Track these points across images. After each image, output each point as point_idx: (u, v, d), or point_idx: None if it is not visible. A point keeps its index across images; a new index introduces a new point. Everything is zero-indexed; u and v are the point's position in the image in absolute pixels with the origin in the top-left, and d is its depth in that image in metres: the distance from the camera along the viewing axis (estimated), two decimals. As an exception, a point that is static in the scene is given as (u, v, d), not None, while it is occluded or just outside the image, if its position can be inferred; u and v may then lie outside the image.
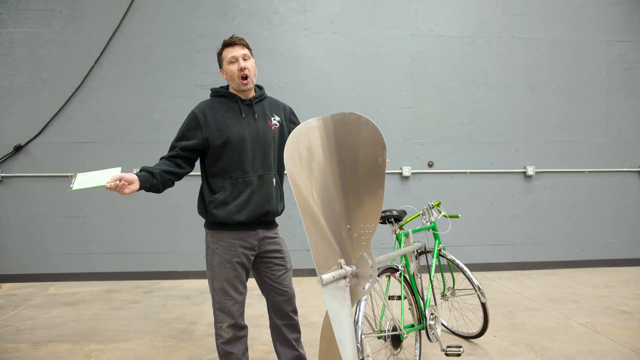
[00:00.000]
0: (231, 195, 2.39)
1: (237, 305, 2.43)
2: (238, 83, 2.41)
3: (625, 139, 6.02)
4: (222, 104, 2.47)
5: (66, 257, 5.41)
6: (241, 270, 2.45)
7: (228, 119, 2.42)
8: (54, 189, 5.38)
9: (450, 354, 2.85)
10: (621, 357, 3.20)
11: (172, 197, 5.45)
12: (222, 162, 2.41)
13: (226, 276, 2.41)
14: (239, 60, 2.39)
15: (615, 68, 5.98)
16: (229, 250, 2.42)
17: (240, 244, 2.43)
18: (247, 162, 2.40)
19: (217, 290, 2.42)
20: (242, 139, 2.41)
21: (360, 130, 2.01)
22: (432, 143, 5.78)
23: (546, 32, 5.88)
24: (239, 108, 2.46)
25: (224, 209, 2.38)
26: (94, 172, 2.19)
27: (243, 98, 2.49)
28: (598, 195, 6.01)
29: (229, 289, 2.41)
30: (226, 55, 2.42)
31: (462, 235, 5.82)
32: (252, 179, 2.40)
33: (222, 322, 2.41)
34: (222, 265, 2.41)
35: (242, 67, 2.39)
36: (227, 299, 2.41)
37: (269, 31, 5.54)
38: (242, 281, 2.47)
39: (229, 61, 2.41)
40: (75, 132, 5.40)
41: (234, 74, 2.40)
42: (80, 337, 3.65)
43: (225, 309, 2.41)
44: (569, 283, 5.22)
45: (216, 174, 2.43)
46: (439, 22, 5.76)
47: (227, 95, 2.49)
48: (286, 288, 2.55)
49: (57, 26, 5.34)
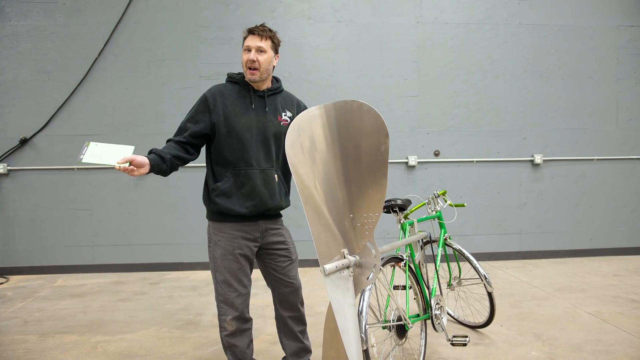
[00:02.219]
0: (234, 186, 2.37)
1: (240, 298, 2.41)
2: (246, 71, 2.40)
3: (635, 126, 5.92)
4: (235, 92, 2.44)
5: (73, 250, 5.44)
6: (244, 262, 2.43)
7: (237, 108, 2.40)
8: (60, 182, 5.40)
9: (456, 344, 2.82)
10: (630, 346, 3.16)
11: (178, 189, 5.45)
12: (226, 151, 2.39)
13: (229, 268, 2.39)
14: (251, 52, 2.37)
15: (625, 54, 5.87)
16: (231, 242, 2.40)
17: (243, 235, 2.41)
18: (251, 154, 2.37)
19: (220, 282, 2.41)
20: (248, 131, 2.38)
21: (362, 118, 1.97)
22: (438, 132, 5.72)
23: (554, 18, 5.77)
24: (250, 98, 2.43)
25: (226, 200, 2.36)
26: (107, 145, 2.18)
27: (256, 89, 2.45)
28: (607, 183, 5.93)
29: (233, 281, 2.40)
30: (244, 42, 2.41)
31: (469, 225, 5.78)
32: (255, 173, 2.37)
33: (225, 314, 2.40)
34: (225, 257, 2.39)
35: (251, 59, 2.36)
36: (230, 291, 2.40)
37: (273, 20, 5.48)
38: (246, 273, 2.45)
39: (244, 48, 2.40)
40: (80, 124, 5.40)
41: (244, 62, 2.39)
42: (87, 328, 3.66)
43: (229, 302, 2.39)
44: (578, 272, 5.17)
45: (220, 163, 2.41)
46: (444, 9, 5.67)
47: (241, 83, 2.46)
48: (292, 279, 2.53)
49: (61, 18, 5.32)
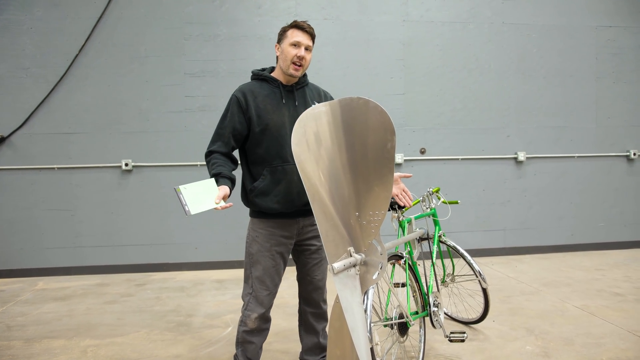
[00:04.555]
0: (271, 184, 2.36)
1: (270, 297, 2.43)
2: (289, 66, 2.36)
3: (613, 124, 6.08)
4: (264, 89, 2.42)
5: (54, 251, 5.28)
6: (279, 260, 2.45)
7: (268, 105, 2.38)
8: (40, 182, 5.23)
9: (454, 340, 2.84)
10: (619, 338, 3.24)
11: (163, 188, 5.35)
12: (261, 149, 2.38)
13: (264, 265, 2.41)
14: (301, 48, 2.34)
15: (604, 53, 6.01)
16: (269, 238, 2.41)
17: (281, 233, 2.43)
18: (286, 149, 2.34)
19: (255, 278, 2.41)
20: (282, 126, 2.36)
21: (368, 115, 1.97)
22: (424, 130, 5.76)
23: (537, 18, 5.87)
24: (280, 93, 2.41)
25: (264, 199, 2.36)
26: (193, 185, 2.13)
27: (285, 83, 2.43)
28: (587, 179, 6.07)
29: (266, 278, 2.41)
30: (292, 35, 2.35)
31: (454, 221, 5.81)
32: (292, 168, 2.35)
33: (252, 311, 2.40)
34: (261, 253, 2.41)
35: (301, 56, 2.34)
36: (263, 288, 2.41)
37: (259, 17, 5.42)
38: (279, 273, 2.47)
39: (291, 43, 2.34)
40: (60, 122, 5.24)
41: (291, 56, 2.34)
42: (75, 332, 3.56)
43: (259, 299, 2.40)
44: (561, 267, 5.28)
45: (256, 162, 2.41)
46: (430, 8, 5.70)
47: (269, 79, 2.43)
48: (318, 277, 2.56)
49: (39, 12, 5.15)
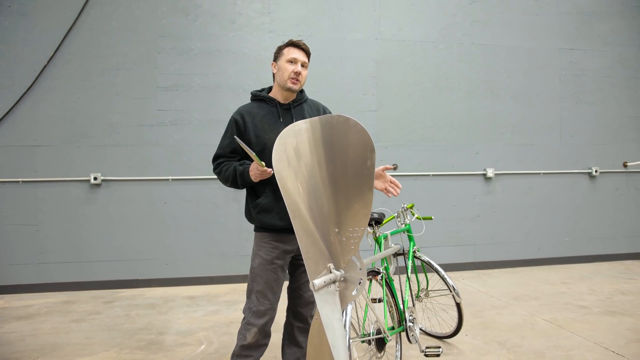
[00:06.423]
0: (273, 202, 2.42)
1: (270, 312, 2.45)
2: (286, 80, 2.45)
3: (576, 142, 6.33)
4: (261, 109, 2.50)
5: (17, 268, 5.07)
6: (281, 273, 2.49)
7: (266, 125, 2.45)
8: (4, 196, 5.04)
9: (429, 355, 2.87)
10: (587, 350, 3.33)
11: (133, 203, 5.24)
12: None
13: (266, 278, 2.44)
14: (297, 64, 2.45)
15: (566, 74, 6.28)
16: (270, 251, 2.45)
17: (284, 247, 2.47)
18: None
19: (257, 292, 2.44)
20: None
21: (348, 132, 1.99)
22: (396, 146, 5.85)
23: (504, 39, 6.09)
24: (277, 112, 2.49)
25: (267, 215, 2.42)
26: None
27: (282, 101, 2.51)
28: (553, 196, 6.27)
29: (268, 292, 2.44)
30: (288, 53, 2.46)
31: (425, 237, 5.90)
32: None
33: (253, 325, 2.42)
34: (263, 266, 2.44)
35: (297, 72, 2.44)
36: (265, 302, 2.43)
37: (233, 32, 5.43)
38: (280, 286, 2.51)
39: (288, 59, 2.45)
40: (26, 135, 5.08)
41: (288, 72, 2.44)
42: (40, 352, 3.41)
43: (260, 313, 2.42)
44: (529, 281, 5.41)
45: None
46: (402, 27, 5.84)
47: (266, 99, 2.52)
48: (309, 293, 2.59)
49: (6, 22, 5.01)
